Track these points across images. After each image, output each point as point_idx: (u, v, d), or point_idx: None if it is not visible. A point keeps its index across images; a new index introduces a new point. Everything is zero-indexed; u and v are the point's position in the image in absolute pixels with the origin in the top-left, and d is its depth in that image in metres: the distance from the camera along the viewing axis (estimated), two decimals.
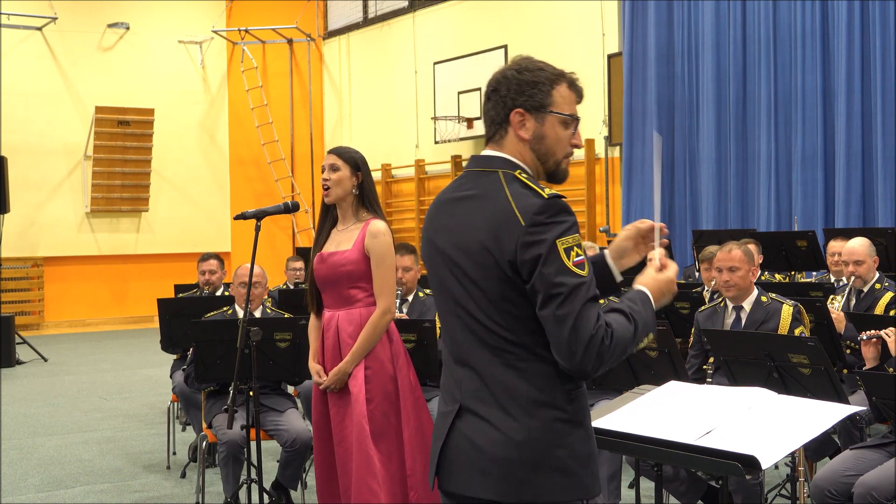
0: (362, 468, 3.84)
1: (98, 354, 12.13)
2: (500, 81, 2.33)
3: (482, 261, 2.22)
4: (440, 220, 2.36)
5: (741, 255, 4.74)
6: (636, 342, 2.23)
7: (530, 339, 2.21)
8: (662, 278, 2.36)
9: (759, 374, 3.99)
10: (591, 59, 11.74)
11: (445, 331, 2.36)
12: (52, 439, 7.27)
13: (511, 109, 2.31)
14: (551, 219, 2.17)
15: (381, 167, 14.92)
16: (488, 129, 2.36)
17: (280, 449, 5.10)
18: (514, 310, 2.21)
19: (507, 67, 2.34)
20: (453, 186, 2.38)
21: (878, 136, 8.83)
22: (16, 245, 14.25)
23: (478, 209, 2.26)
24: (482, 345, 2.25)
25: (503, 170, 2.29)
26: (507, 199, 2.22)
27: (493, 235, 2.21)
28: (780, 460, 3.06)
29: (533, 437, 2.20)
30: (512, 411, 2.21)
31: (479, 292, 2.24)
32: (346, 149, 4.10)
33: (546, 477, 2.20)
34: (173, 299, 6.83)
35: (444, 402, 2.35)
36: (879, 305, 5.39)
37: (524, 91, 2.30)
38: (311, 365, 4.08)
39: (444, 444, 2.30)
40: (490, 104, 2.34)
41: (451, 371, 2.34)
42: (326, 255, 4.01)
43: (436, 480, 2.35)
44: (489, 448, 2.22)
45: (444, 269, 2.32)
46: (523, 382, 2.22)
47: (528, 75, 2.30)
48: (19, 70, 14.52)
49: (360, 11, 16.01)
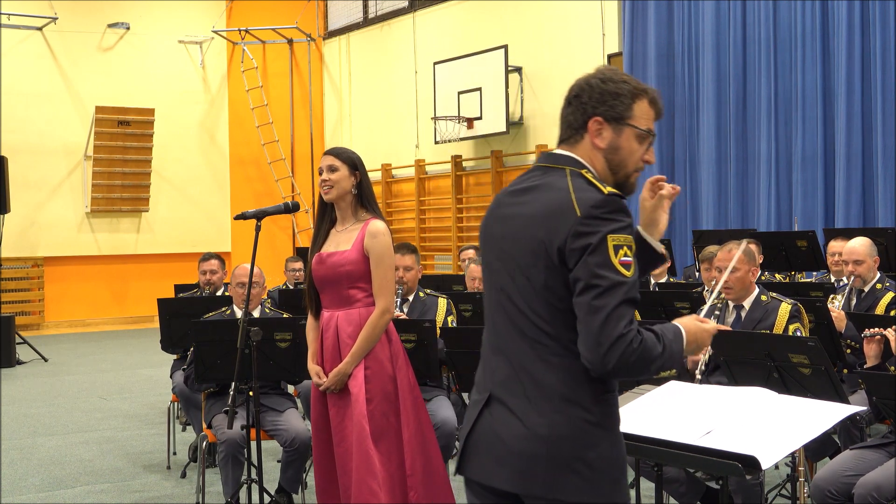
0: (362, 468, 3.84)
1: (98, 354, 12.13)
2: (582, 88, 2.37)
3: (533, 248, 2.26)
4: (501, 210, 2.40)
5: (741, 255, 4.74)
6: (658, 365, 2.23)
7: (567, 333, 2.23)
8: (701, 327, 2.39)
9: (759, 374, 3.99)
10: (591, 59, 11.72)
11: (489, 320, 2.40)
12: (52, 439, 7.27)
13: (590, 117, 2.34)
14: (607, 214, 2.20)
15: (381, 167, 14.92)
16: (564, 131, 2.39)
17: (280, 449, 5.10)
18: (555, 301, 2.23)
19: (592, 75, 2.38)
20: (519, 179, 2.43)
21: (878, 136, 8.83)
22: (16, 245, 14.25)
23: (537, 199, 2.31)
24: (520, 335, 2.28)
25: (570, 167, 2.33)
26: (568, 191, 2.25)
27: (547, 223, 2.24)
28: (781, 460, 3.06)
29: (555, 433, 2.21)
30: (538, 405, 2.23)
31: (524, 280, 2.27)
32: (342, 149, 4.10)
33: (562, 475, 2.21)
34: (173, 299, 6.83)
35: (477, 390, 2.39)
36: (880, 305, 5.39)
37: (605, 101, 2.34)
38: (310, 366, 4.08)
39: (470, 430, 2.35)
40: (570, 109, 2.38)
41: (487, 360, 2.38)
42: (325, 256, 4.00)
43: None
44: (511, 440, 2.25)
45: (494, 257, 2.37)
46: (553, 377, 2.23)
47: (611, 86, 2.35)
48: (19, 70, 14.52)
49: (360, 11, 16.01)
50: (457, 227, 13.65)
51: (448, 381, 5.40)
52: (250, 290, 4.31)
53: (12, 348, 11.17)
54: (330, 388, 3.96)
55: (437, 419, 4.77)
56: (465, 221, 13.73)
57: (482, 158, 13.31)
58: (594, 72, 2.40)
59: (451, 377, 5.31)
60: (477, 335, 4.90)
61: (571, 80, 2.46)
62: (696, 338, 2.36)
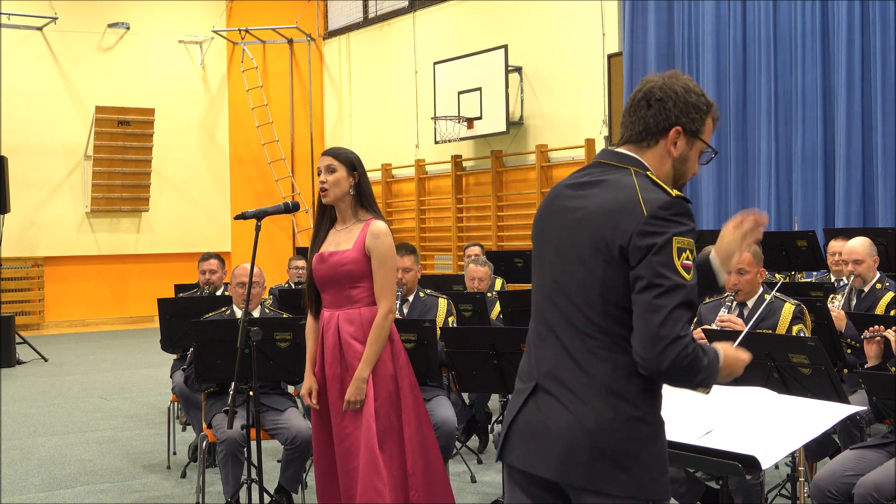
0: (369, 467, 3.83)
1: (98, 354, 12.13)
2: (667, 94, 2.36)
3: (595, 242, 2.27)
4: (559, 202, 2.40)
5: (750, 258, 4.75)
6: (701, 378, 2.24)
7: (618, 328, 2.25)
8: (737, 355, 2.39)
9: (759, 374, 3.99)
10: (591, 59, 11.74)
11: (538, 310, 2.41)
12: (52, 439, 7.27)
13: (673, 125, 2.35)
14: (674, 216, 2.21)
15: (381, 167, 14.92)
16: (638, 133, 2.38)
17: (280, 449, 5.10)
18: (611, 296, 2.25)
19: (674, 82, 2.38)
20: (579, 174, 2.43)
21: (878, 136, 8.83)
22: (16, 245, 14.25)
23: (602, 193, 2.31)
24: (570, 327, 2.30)
25: (635, 168, 2.34)
26: (634, 189, 2.27)
27: (613, 218, 2.25)
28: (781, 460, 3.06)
29: (601, 426, 2.24)
30: (586, 397, 2.26)
31: (583, 272, 2.28)
32: (340, 149, 4.09)
33: (604, 467, 2.23)
34: (173, 299, 6.83)
35: (521, 380, 2.41)
36: (880, 305, 5.38)
37: (689, 112, 2.36)
38: (306, 380, 4.05)
39: (514, 418, 2.37)
40: (651, 112, 2.36)
41: (534, 350, 2.40)
42: (327, 255, 4.00)
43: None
44: (556, 429, 2.27)
45: (550, 248, 2.38)
46: (602, 370, 2.25)
47: (693, 98, 2.37)
48: (19, 70, 14.52)
49: (360, 11, 16.01)
50: (457, 227, 13.65)
51: (448, 381, 5.40)
52: (250, 290, 4.31)
53: (12, 348, 11.17)
54: (352, 404, 3.90)
55: (436, 419, 4.77)
56: (465, 221, 13.73)
57: (482, 158, 13.31)
58: (672, 78, 2.40)
59: (451, 377, 5.31)
60: (477, 335, 4.94)
61: (571, 80, 2.47)
62: (731, 365, 2.37)
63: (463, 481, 5.69)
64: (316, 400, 4.02)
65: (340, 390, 3.95)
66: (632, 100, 2.42)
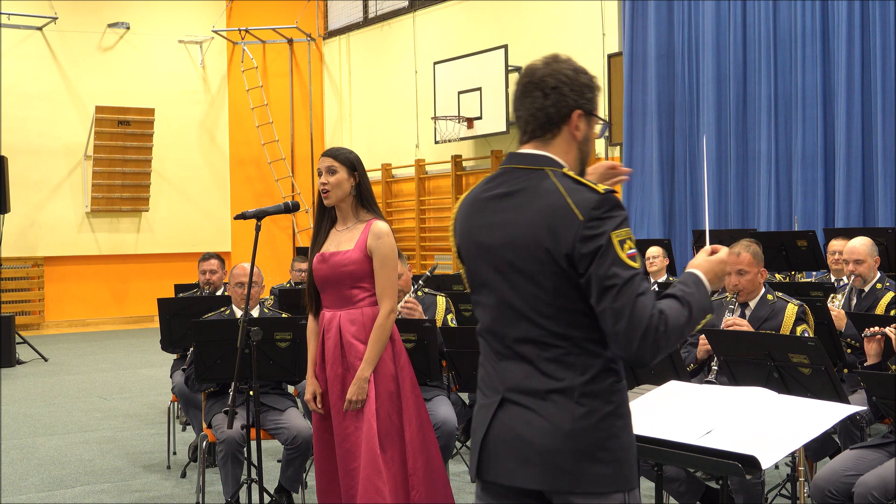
0: (370, 467, 3.83)
1: (98, 354, 12.13)
2: (561, 80, 2.33)
3: (537, 255, 2.24)
4: (482, 218, 2.36)
5: (750, 258, 4.75)
6: (692, 325, 2.26)
7: (579, 332, 2.25)
8: (714, 259, 2.38)
9: (760, 374, 3.99)
10: (591, 59, 11.73)
11: (488, 327, 2.37)
12: (52, 439, 7.27)
13: (573, 109, 2.34)
14: (608, 213, 2.21)
15: (381, 167, 14.92)
16: (539, 127, 2.35)
17: (280, 449, 5.10)
18: (566, 303, 2.24)
19: (562, 66, 2.35)
20: (492, 184, 2.39)
21: (878, 136, 8.82)
22: (16, 245, 14.25)
23: (528, 204, 2.28)
24: (530, 341, 2.28)
25: (550, 168, 2.32)
26: (561, 194, 2.24)
27: (549, 229, 2.23)
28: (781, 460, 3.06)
29: (578, 427, 2.23)
30: (558, 402, 2.25)
31: (532, 287, 2.26)
32: (340, 150, 4.08)
33: (589, 467, 2.23)
34: (173, 299, 6.82)
35: (484, 394, 2.38)
36: (880, 305, 5.39)
37: (584, 93, 2.35)
38: (309, 384, 4.05)
39: (484, 434, 2.33)
40: (550, 101, 2.33)
41: (493, 365, 2.36)
42: (328, 255, 4.00)
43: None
44: (535, 438, 2.25)
45: (488, 266, 2.34)
46: (570, 374, 2.25)
47: (585, 78, 2.36)
48: (19, 70, 14.52)
49: (360, 11, 16.01)
50: None
51: (448, 381, 5.40)
52: (250, 290, 4.31)
53: (12, 348, 11.17)
54: (354, 404, 3.90)
55: (437, 419, 4.77)
56: None
57: (482, 158, 13.31)
58: (556, 62, 2.36)
59: (451, 377, 5.31)
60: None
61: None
62: (714, 273, 2.37)
63: (463, 481, 5.69)
64: (321, 404, 4.01)
65: (342, 390, 3.95)
66: (522, 91, 2.37)
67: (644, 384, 3.40)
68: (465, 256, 2.43)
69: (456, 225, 2.46)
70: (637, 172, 11.12)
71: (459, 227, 2.44)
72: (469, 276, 2.43)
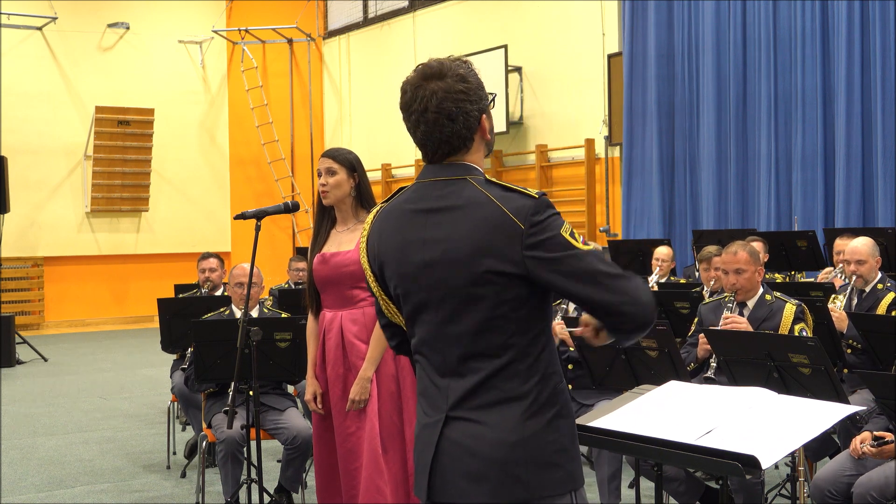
0: (371, 467, 3.83)
1: (98, 354, 12.13)
2: (459, 100, 2.25)
3: (476, 269, 2.19)
4: (413, 233, 2.27)
5: (747, 256, 4.73)
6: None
7: (521, 339, 2.21)
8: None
9: (759, 374, 3.99)
10: (591, 59, 11.74)
11: (426, 343, 2.29)
12: (52, 439, 7.27)
13: (480, 118, 2.29)
14: (547, 216, 2.19)
15: (381, 167, 14.92)
16: (453, 149, 2.28)
17: (280, 449, 5.10)
18: (507, 312, 2.20)
19: (452, 81, 2.25)
20: (413, 196, 2.31)
21: (878, 136, 8.83)
22: (16, 245, 14.25)
23: (462, 218, 2.22)
24: (471, 356, 2.23)
25: (471, 176, 2.27)
26: (495, 204, 2.20)
27: (489, 241, 2.18)
28: (780, 460, 3.06)
29: (527, 434, 2.20)
30: (507, 412, 2.20)
31: (472, 306, 2.21)
32: (340, 150, 4.07)
33: (541, 473, 2.20)
34: (173, 299, 6.83)
35: (426, 413, 2.30)
36: (881, 306, 5.38)
37: (482, 95, 2.30)
38: (309, 385, 4.05)
39: (434, 455, 2.26)
40: (459, 125, 2.26)
41: (434, 381, 2.29)
42: (329, 256, 4.00)
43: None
44: (485, 451, 2.20)
45: (425, 282, 2.26)
46: (516, 383, 2.21)
47: (473, 78, 2.29)
48: (19, 70, 14.52)
49: (360, 11, 16.01)
50: None
51: None
52: (250, 290, 4.31)
53: (12, 348, 11.17)
54: (357, 403, 3.89)
55: None
56: None
57: None
58: (444, 75, 2.25)
59: None
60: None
61: (571, 80, 2.46)
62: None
63: None
64: (321, 404, 4.01)
65: (343, 390, 3.95)
66: (423, 122, 2.27)
67: (644, 384, 3.39)
68: (394, 272, 2.32)
69: (377, 237, 2.35)
70: (637, 172, 11.13)
71: (386, 239, 2.33)
72: (397, 291, 2.34)
